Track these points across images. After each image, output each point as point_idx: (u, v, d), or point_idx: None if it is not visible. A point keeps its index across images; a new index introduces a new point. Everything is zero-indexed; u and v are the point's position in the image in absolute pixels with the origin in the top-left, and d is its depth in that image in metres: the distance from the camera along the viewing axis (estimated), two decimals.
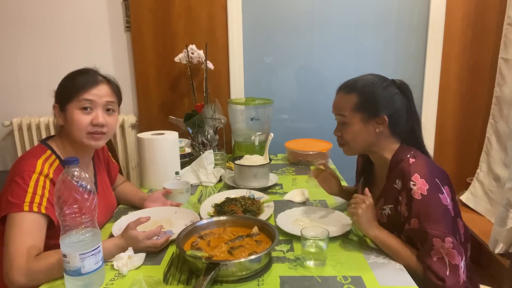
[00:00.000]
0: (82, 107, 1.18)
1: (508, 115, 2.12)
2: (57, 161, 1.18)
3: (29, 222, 1.04)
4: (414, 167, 1.10)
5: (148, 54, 2.34)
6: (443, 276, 0.99)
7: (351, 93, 1.20)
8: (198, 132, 2.03)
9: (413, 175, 1.08)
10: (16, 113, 2.37)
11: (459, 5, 2.23)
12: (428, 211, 1.04)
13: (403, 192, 1.10)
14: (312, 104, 2.46)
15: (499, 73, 2.20)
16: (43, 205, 1.07)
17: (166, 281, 0.99)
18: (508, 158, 2.12)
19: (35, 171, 1.10)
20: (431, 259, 1.02)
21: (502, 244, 1.83)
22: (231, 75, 2.37)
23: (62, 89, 1.21)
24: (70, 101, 1.18)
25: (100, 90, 1.21)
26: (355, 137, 1.21)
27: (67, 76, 1.24)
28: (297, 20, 2.35)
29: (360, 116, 1.19)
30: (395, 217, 1.15)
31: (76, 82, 1.19)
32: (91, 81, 1.20)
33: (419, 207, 1.05)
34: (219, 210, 1.38)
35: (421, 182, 1.07)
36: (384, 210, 1.19)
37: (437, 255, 1.02)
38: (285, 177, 1.84)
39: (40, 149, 1.19)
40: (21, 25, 2.35)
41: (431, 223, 1.03)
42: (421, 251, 1.05)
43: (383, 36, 2.35)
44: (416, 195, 1.06)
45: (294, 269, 1.04)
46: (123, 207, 1.50)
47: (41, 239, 1.05)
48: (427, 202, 1.05)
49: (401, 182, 1.12)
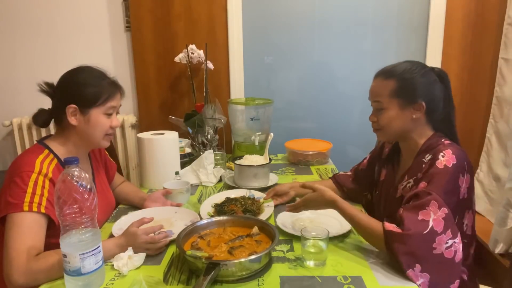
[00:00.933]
0: (107, 112, 1.24)
1: (508, 115, 2.12)
2: (55, 160, 1.18)
3: (29, 222, 1.04)
4: (449, 145, 1.12)
5: (148, 54, 2.34)
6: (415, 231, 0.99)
7: (390, 78, 1.19)
8: (198, 132, 2.03)
9: (446, 150, 1.09)
10: (16, 113, 2.37)
11: (459, 5, 2.23)
12: (442, 180, 1.04)
13: (428, 162, 1.11)
14: (312, 104, 2.46)
15: (499, 73, 2.20)
16: (42, 204, 1.07)
17: (166, 281, 0.99)
18: (508, 158, 2.12)
19: (34, 171, 1.10)
20: (414, 215, 1.01)
21: (502, 244, 1.83)
22: (231, 75, 2.37)
23: (84, 92, 1.21)
24: (96, 106, 1.22)
25: (119, 97, 1.29)
26: (391, 123, 1.20)
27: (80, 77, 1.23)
28: (297, 20, 2.35)
29: (397, 102, 1.18)
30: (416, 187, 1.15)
31: (104, 89, 1.23)
32: (114, 88, 1.27)
33: (436, 174, 1.05)
34: (219, 210, 1.38)
35: (451, 157, 1.07)
36: (408, 183, 1.18)
37: (424, 216, 1.01)
38: (285, 177, 1.84)
39: (38, 149, 1.19)
40: (21, 25, 2.35)
41: (438, 189, 1.03)
42: (408, 206, 1.05)
43: (383, 36, 2.35)
44: (439, 164, 1.06)
45: (294, 269, 1.04)
46: (123, 207, 1.50)
47: (40, 239, 1.06)
48: (446, 173, 1.05)
49: (430, 156, 1.12)
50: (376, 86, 1.22)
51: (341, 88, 2.44)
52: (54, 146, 1.22)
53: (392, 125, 1.20)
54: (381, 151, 1.46)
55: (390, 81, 1.18)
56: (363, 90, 1.42)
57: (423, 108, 1.17)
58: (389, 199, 1.29)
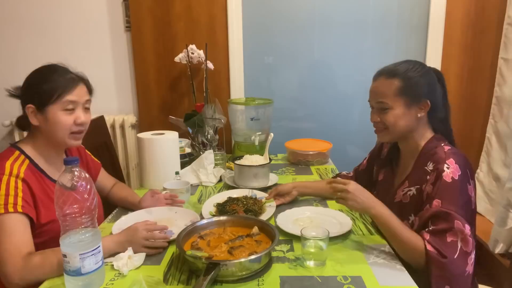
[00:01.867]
0: (66, 108, 1.18)
1: (508, 115, 2.12)
2: (27, 161, 1.17)
3: (10, 223, 1.05)
4: (450, 153, 1.11)
5: (148, 54, 2.34)
6: (450, 256, 0.98)
7: (394, 77, 1.17)
8: (198, 132, 2.03)
9: (449, 159, 1.08)
10: (16, 113, 2.36)
11: (459, 5, 2.23)
12: (454, 195, 1.04)
13: (433, 173, 1.09)
14: (312, 104, 2.46)
15: (499, 73, 2.20)
16: (18, 204, 1.07)
17: (166, 281, 0.99)
18: (508, 158, 2.12)
19: (5, 173, 1.10)
20: (444, 239, 1.00)
21: (502, 244, 1.83)
22: (231, 75, 2.37)
23: (37, 90, 1.18)
24: (51, 102, 1.16)
25: (80, 90, 1.21)
26: (397, 122, 1.18)
27: (39, 76, 1.22)
28: (297, 20, 2.35)
29: (403, 101, 1.16)
30: (419, 197, 1.14)
31: (57, 83, 1.17)
32: (71, 81, 1.20)
33: (446, 189, 1.04)
34: (221, 210, 1.38)
35: (455, 167, 1.06)
36: (410, 191, 1.18)
37: (453, 237, 1.00)
38: (285, 177, 1.84)
39: (8, 152, 1.18)
40: (21, 25, 2.35)
41: (455, 206, 1.02)
42: (435, 229, 1.02)
43: (383, 36, 2.35)
44: (447, 178, 1.05)
45: (294, 269, 1.04)
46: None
47: (27, 236, 1.06)
48: (456, 186, 1.04)
49: (433, 165, 1.11)
50: (379, 86, 1.20)
51: (341, 88, 2.44)
52: (26, 148, 1.21)
53: (398, 124, 1.18)
54: (379, 152, 1.46)
55: (394, 80, 1.17)
56: (363, 90, 1.42)
57: (428, 106, 1.17)
58: (387, 202, 1.27)
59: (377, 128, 1.25)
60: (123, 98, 2.46)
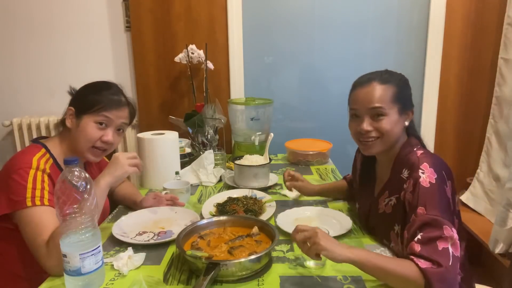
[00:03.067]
0: (99, 122, 1.22)
1: (508, 115, 2.12)
2: (51, 160, 1.20)
3: (38, 216, 1.07)
4: (423, 157, 1.08)
5: (148, 54, 2.34)
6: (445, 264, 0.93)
7: (388, 84, 1.13)
8: (198, 132, 2.03)
9: (422, 164, 1.06)
10: (16, 113, 2.37)
11: (459, 5, 2.23)
12: (436, 200, 1.01)
13: (409, 180, 1.06)
14: (312, 104, 2.46)
15: (499, 73, 2.20)
16: (45, 197, 1.09)
17: (166, 281, 0.99)
18: (508, 158, 2.12)
19: (32, 167, 1.12)
20: (435, 247, 0.94)
21: (502, 244, 1.83)
22: (231, 75, 2.37)
23: (84, 98, 1.24)
24: (89, 112, 1.22)
25: (120, 112, 1.27)
26: (393, 129, 1.12)
27: (92, 86, 1.28)
28: (297, 20, 2.35)
29: (397, 108, 1.12)
30: (399, 206, 1.12)
31: (103, 98, 1.23)
32: (116, 101, 1.25)
33: (426, 195, 1.01)
34: (221, 210, 1.38)
35: (430, 171, 1.04)
36: (390, 201, 1.15)
37: (444, 244, 0.95)
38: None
39: (35, 148, 1.20)
40: (21, 25, 2.35)
41: (439, 211, 0.99)
42: (424, 237, 0.96)
43: (383, 36, 2.35)
44: (424, 183, 1.02)
45: (294, 269, 1.04)
46: (123, 207, 1.50)
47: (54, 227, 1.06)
48: (435, 190, 1.02)
49: (408, 172, 1.09)
50: (374, 91, 1.13)
51: (341, 88, 2.40)
52: (51, 145, 1.24)
53: (393, 132, 1.13)
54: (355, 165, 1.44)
55: (389, 86, 1.13)
56: None
57: (412, 115, 1.17)
58: (371, 213, 1.25)
59: (366, 138, 1.15)
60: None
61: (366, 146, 1.17)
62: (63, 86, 1.33)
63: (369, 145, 1.16)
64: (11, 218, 1.11)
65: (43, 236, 1.04)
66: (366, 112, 1.14)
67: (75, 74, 2.36)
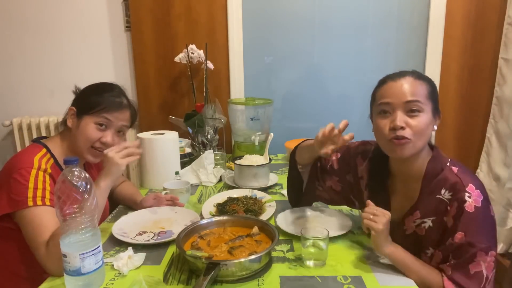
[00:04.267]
0: (99, 123, 1.23)
1: (508, 115, 2.12)
2: (51, 160, 1.20)
3: (39, 216, 1.07)
4: (464, 176, 1.00)
5: (148, 54, 2.33)
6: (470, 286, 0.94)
7: (422, 80, 1.03)
8: (198, 132, 2.03)
9: (468, 185, 0.98)
10: (16, 113, 2.37)
11: (459, 5, 2.23)
12: (479, 224, 0.96)
13: (453, 203, 0.99)
14: (312, 104, 2.46)
15: (499, 73, 2.20)
16: (46, 197, 1.09)
17: (166, 281, 0.99)
18: (508, 158, 2.12)
19: (33, 167, 1.12)
20: (466, 271, 0.95)
21: (502, 244, 1.83)
22: (231, 75, 2.37)
23: (86, 98, 1.25)
24: (90, 113, 1.22)
25: (121, 115, 1.27)
26: (424, 130, 1.00)
27: (95, 87, 1.28)
28: (297, 20, 2.35)
29: (431, 106, 1.02)
30: (438, 230, 1.03)
31: (104, 99, 1.23)
32: (117, 103, 1.25)
33: (470, 220, 0.96)
34: (221, 210, 1.38)
35: (476, 193, 0.97)
36: (424, 223, 1.05)
37: (476, 268, 0.95)
38: (285, 177, 1.83)
39: (36, 148, 1.20)
40: (21, 25, 2.35)
41: (479, 236, 0.96)
42: (457, 263, 0.97)
43: (383, 36, 2.35)
44: (469, 208, 0.96)
45: (294, 269, 1.04)
46: (123, 207, 1.50)
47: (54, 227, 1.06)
48: (479, 215, 0.96)
49: (449, 193, 1.00)
50: (409, 84, 1.01)
51: (341, 88, 2.44)
52: (52, 145, 1.24)
53: (424, 133, 1.01)
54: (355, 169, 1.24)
55: (423, 83, 1.03)
56: (363, 90, 1.42)
57: (439, 119, 1.06)
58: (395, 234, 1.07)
59: (397, 137, 0.99)
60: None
61: (399, 147, 1.00)
62: (63, 86, 1.34)
63: (402, 145, 1.00)
64: (12, 217, 1.12)
65: (44, 236, 1.04)
66: (400, 106, 1.00)
67: (75, 74, 2.36)
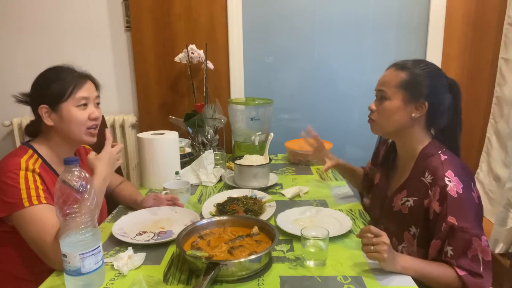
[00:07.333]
0: (79, 104, 1.21)
1: (508, 115, 2.12)
2: (39, 160, 1.18)
3: (39, 214, 1.07)
4: (447, 164, 1.09)
5: (148, 54, 2.34)
6: (479, 272, 1.01)
7: (402, 70, 1.17)
8: (198, 132, 2.03)
9: (447, 171, 1.07)
10: (16, 113, 2.37)
11: (459, 5, 2.23)
12: (465, 210, 1.03)
13: (435, 188, 1.07)
14: (312, 104, 2.46)
15: (499, 73, 2.20)
16: (41, 196, 1.09)
17: (166, 281, 0.99)
18: (508, 158, 2.12)
19: (21, 168, 1.11)
20: (465, 258, 1.02)
21: (502, 244, 1.83)
22: (231, 75, 2.37)
23: (47, 90, 1.20)
24: (64, 100, 1.19)
25: (89, 86, 1.25)
26: (390, 115, 1.17)
27: (46, 76, 1.24)
28: (297, 20, 2.35)
29: (402, 95, 1.15)
30: (418, 210, 1.13)
31: (67, 81, 1.21)
32: (79, 78, 1.23)
33: (456, 205, 1.03)
34: (221, 210, 1.38)
35: (455, 180, 1.05)
36: (407, 201, 1.16)
37: (472, 253, 1.02)
38: (285, 177, 1.84)
39: (22, 150, 1.19)
40: (21, 25, 2.35)
41: (468, 222, 1.02)
42: (455, 252, 1.03)
43: (383, 36, 2.35)
44: (452, 192, 1.04)
45: (294, 269, 1.04)
46: (123, 207, 1.50)
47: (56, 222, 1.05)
48: (464, 200, 1.04)
49: (431, 177, 1.10)
50: (386, 76, 1.20)
51: (341, 88, 2.44)
52: (39, 147, 1.22)
53: (390, 117, 1.17)
54: (377, 152, 1.46)
55: (401, 73, 1.16)
56: (363, 90, 1.43)
57: (425, 108, 1.14)
58: (384, 210, 1.27)
59: (370, 117, 1.24)
60: (123, 98, 2.46)
61: (370, 126, 1.25)
62: None
63: (370, 124, 1.25)
64: (7, 221, 1.11)
65: (49, 232, 1.04)
66: (376, 93, 1.23)
67: None
